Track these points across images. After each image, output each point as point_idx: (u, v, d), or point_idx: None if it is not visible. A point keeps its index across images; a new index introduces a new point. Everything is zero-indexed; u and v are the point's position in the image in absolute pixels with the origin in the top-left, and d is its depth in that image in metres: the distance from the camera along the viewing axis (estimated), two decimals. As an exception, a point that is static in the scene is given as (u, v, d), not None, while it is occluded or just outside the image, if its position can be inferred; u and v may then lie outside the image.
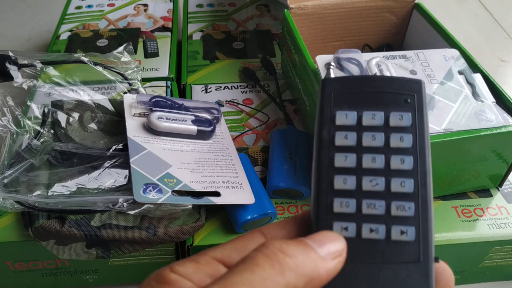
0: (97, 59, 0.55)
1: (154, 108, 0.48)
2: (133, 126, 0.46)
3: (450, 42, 0.53)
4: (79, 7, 0.74)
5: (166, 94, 0.58)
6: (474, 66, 0.49)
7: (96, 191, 0.44)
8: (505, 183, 0.49)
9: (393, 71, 0.46)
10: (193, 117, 0.48)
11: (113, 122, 0.51)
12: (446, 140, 0.42)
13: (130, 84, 0.55)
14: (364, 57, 0.46)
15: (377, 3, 0.59)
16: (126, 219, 0.42)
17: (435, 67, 0.47)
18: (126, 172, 0.45)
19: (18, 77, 0.50)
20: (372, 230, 0.22)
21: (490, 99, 0.46)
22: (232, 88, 0.60)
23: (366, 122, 0.24)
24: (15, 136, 0.47)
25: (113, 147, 0.47)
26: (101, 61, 0.55)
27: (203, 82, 0.61)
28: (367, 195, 0.23)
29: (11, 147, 0.46)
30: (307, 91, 0.51)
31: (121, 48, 0.57)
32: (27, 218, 0.41)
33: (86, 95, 0.53)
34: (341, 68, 0.46)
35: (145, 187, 0.40)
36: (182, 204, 0.41)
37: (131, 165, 0.42)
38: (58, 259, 0.44)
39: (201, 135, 0.48)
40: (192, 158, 0.45)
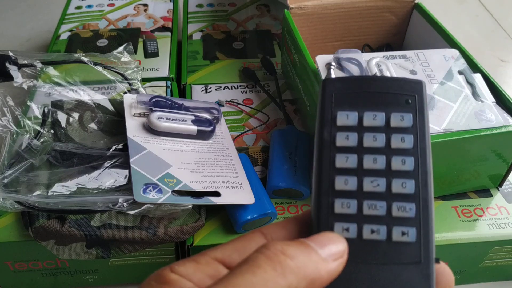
0: (97, 59, 0.55)
1: (154, 108, 0.48)
2: (133, 126, 0.46)
3: (450, 42, 0.53)
4: (79, 7, 0.74)
5: (166, 94, 0.58)
6: (474, 66, 0.49)
7: (96, 191, 0.44)
8: (505, 183, 0.49)
9: (393, 71, 0.46)
10: (193, 117, 0.48)
11: (113, 122, 0.51)
12: (446, 140, 0.42)
13: (130, 84, 0.54)
14: (364, 57, 0.46)
15: (377, 3, 0.59)
16: (126, 219, 0.42)
17: (435, 67, 0.47)
18: (126, 172, 0.45)
19: (18, 77, 0.50)
20: (373, 231, 0.22)
21: (490, 99, 0.46)
22: (232, 88, 0.60)
23: (367, 122, 0.24)
24: (15, 136, 0.47)
25: (113, 147, 0.47)
26: (101, 61, 0.55)
27: (203, 82, 0.61)
28: (368, 196, 0.23)
29: (11, 147, 0.46)
30: (307, 91, 0.51)
31: (121, 48, 0.57)
32: (27, 218, 0.41)
33: (86, 95, 0.53)
34: (341, 68, 0.46)
35: (145, 187, 0.40)
36: (182, 204, 0.41)
37: (131, 165, 0.42)
38: (58, 259, 0.44)
39: (201, 135, 0.48)
40: (192, 158, 0.45)
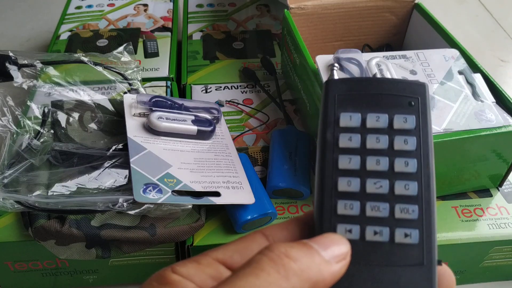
0: (97, 59, 0.54)
1: (154, 108, 0.48)
2: (133, 126, 0.46)
3: (450, 42, 0.53)
4: (79, 7, 0.74)
5: (166, 94, 0.58)
6: (474, 66, 0.49)
7: (96, 191, 0.44)
8: (505, 183, 0.49)
9: (393, 71, 0.46)
10: (193, 117, 0.48)
11: (113, 122, 0.51)
12: (446, 140, 0.42)
13: (130, 84, 0.54)
14: (364, 57, 0.46)
15: (377, 3, 0.59)
16: (126, 219, 0.42)
17: (435, 67, 0.47)
18: (126, 172, 0.45)
19: (18, 77, 0.50)
20: (376, 232, 0.22)
21: (490, 99, 0.46)
22: (232, 88, 0.60)
23: (370, 124, 0.24)
24: (15, 136, 0.47)
25: (113, 147, 0.47)
26: (101, 61, 0.55)
27: (203, 82, 0.61)
28: (371, 197, 0.23)
29: (11, 147, 0.45)
30: (307, 91, 0.51)
31: (121, 48, 0.57)
32: (27, 218, 0.41)
33: (86, 95, 0.53)
34: (341, 68, 0.46)
35: (145, 187, 0.40)
36: (182, 204, 0.41)
37: (131, 165, 0.42)
38: (58, 259, 0.44)
39: (201, 135, 0.48)
40: (192, 158, 0.45)
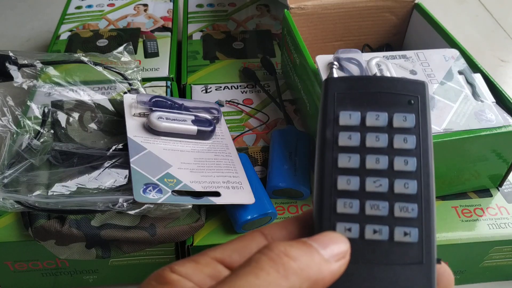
0: (97, 59, 0.55)
1: (154, 108, 0.48)
2: (133, 126, 0.46)
3: (450, 42, 0.53)
4: (79, 7, 0.74)
5: (166, 94, 0.58)
6: (474, 66, 0.49)
7: (96, 191, 0.44)
8: (505, 183, 0.49)
9: (393, 71, 0.46)
10: (193, 117, 0.48)
11: (113, 122, 0.51)
12: (446, 140, 0.42)
13: (130, 84, 0.54)
14: (364, 57, 0.46)
15: (377, 3, 0.59)
16: (126, 219, 0.42)
17: (435, 67, 0.47)
18: (126, 172, 0.45)
19: (18, 77, 0.50)
20: (375, 231, 0.22)
21: (490, 99, 0.46)
22: (232, 88, 0.60)
23: (369, 122, 0.24)
24: (15, 136, 0.47)
25: (113, 147, 0.47)
26: (101, 61, 0.55)
27: (203, 82, 0.61)
28: (370, 196, 0.23)
29: (11, 147, 0.45)
30: (307, 91, 0.51)
31: (121, 48, 0.57)
32: (27, 218, 0.41)
33: (86, 95, 0.53)
34: (341, 68, 0.46)
35: (145, 187, 0.40)
36: (182, 204, 0.41)
37: (131, 165, 0.42)
38: (58, 259, 0.44)
39: (201, 135, 0.48)
40: (192, 158, 0.45)
